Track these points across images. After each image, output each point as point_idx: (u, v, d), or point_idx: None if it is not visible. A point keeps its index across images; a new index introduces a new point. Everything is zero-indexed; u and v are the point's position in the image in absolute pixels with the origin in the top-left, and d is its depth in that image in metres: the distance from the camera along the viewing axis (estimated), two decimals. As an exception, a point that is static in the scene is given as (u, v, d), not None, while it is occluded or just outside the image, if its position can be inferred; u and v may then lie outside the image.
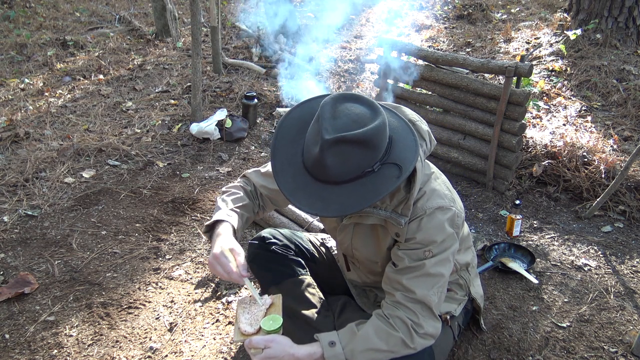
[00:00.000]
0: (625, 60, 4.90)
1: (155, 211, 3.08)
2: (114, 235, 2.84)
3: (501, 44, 5.82)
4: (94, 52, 5.87)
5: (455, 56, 3.29)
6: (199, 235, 2.89)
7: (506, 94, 3.05)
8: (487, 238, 2.94)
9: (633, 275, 2.64)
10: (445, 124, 3.45)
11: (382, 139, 1.40)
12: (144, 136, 3.99)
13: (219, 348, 2.13)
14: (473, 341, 2.17)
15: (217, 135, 3.96)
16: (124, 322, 2.24)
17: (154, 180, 3.43)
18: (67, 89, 4.88)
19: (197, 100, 4.07)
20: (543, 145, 3.56)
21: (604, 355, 2.13)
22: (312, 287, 1.95)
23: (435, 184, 1.63)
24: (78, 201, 3.14)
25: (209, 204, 3.19)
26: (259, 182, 1.84)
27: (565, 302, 2.43)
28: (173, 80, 5.04)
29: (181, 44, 6.19)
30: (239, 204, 1.76)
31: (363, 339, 1.54)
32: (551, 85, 4.68)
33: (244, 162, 3.76)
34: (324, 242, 2.18)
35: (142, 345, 2.13)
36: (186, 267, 2.63)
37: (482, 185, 3.44)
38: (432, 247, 1.57)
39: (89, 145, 3.73)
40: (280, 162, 1.48)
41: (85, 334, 2.17)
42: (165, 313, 2.31)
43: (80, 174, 3.43)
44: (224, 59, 5.34)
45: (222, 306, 2.36)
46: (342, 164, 1.37)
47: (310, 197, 1.40)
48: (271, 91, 4.79)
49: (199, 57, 3.96)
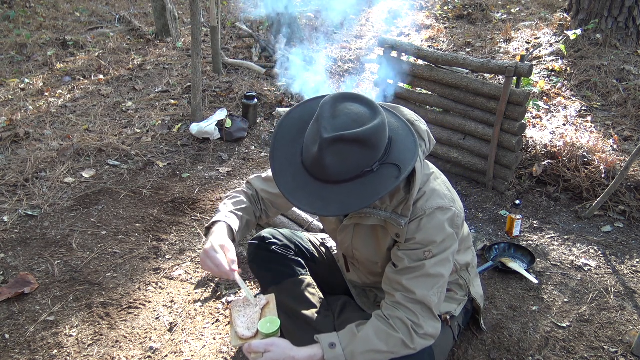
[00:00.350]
0: (625, 60, 4.91)
1: (155, 211, 3.08)
2: (114, 235, 2.84)
3: (501, 44, 5.82)
4: (94, 52, 5.86)
5: (455, 56, 3.29)
6: (199, 235, 2.89)
7: (506, 94, 3.05)
8: (487, 238, 2.94)
9: (633, 275, 2.64)
10: (445, 124, 3.45)
11: (382, 139, 1.40)
12: (144, 136, 3.99)
13: (219, 348, 2.13)
14: (473, 341, 2.17)
15: (217, 135, 3.96)
16: (124, 322, 2.24)
17: (154, 180, 3.43)
18: (67, 89, 4.87)
19: (197, 100, 4.06)
20: (543, 145, 3.56)
21: (604, 355, 2.13)
22: (312, 287, 1.95)
23: (435, 184, 1.63)
24: (78, 201, 3.14)
25: (209, 204, 3.19)
26: (260, 187, 1.86)
27: (565, 302, 2.42)
28: (173, 80, 5.03)
29: (181, 44, 6.19)
30: (238, 206, 1.78)
31: (363, 340, 1.54)
32: (551, 85, 4.68)
33: (244, 162, 3.75)
34: (324, 242, 2.18)
35: (142, 345, 2.13)
36: (186, 267, 2.63)
37: (482, 185, 3.44)
38: (432, 247, 1.57)
39: (89, 145, 3.73)
40: (280, 162, 1.47)
41: (85, 334, 2.17)
42: (165, 313, 2.31)
43: (80, 174, 3.43)
44: (224, 59, 5.33)
45: (222, 306, 2.36)
46: (341, 163, 1.36)
47: (310, 196, 1.40)
48: (271, 91, 4.78)
49: (199, 57, 3.96)
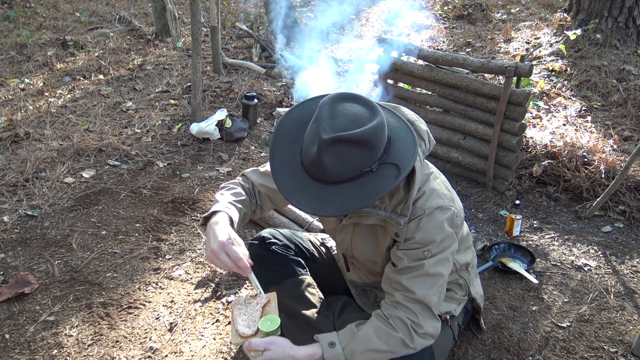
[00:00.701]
0: (625, 60, 4.91)
1: (155, 211, 3.08)
2: (114, 235, 2.84)
3: (501, 44, 5.82)
4: (94, 52, 5.86)
5: (455, 56, 3.29)
6: (199, 235, 2.89)
7: (506, 94, 3.05)
8: (487, 238, 2.93)
9: (633, 275, 2.64)
10: (445, 124, 3.45)
11: (381, 139, 1.39)
12: (144, 136, 3.99)
13: (219, 348, 2.13)
14: (473, 341, 2.17)
15: (217, 135, 3.95)
16: (124, 322, 2.24)
17: (154, 180, 3.43)
18: (67, 89, 4.87)
19: (197, 100, 4.06)
20: (543, 145, 3.56)
21: (604, 355, 2.13)
22: (312, 287, 1.95)
23: (435, 184, 1.63)
24: (78, 201, 3.14)
25: (209, 204, 3.18)
26: (258, 181, 1.83)
27: (565, 302, 2.42)
28: (173, 80, 5.02)
29: (181, 44, 6.18)
30: (237, 198, 1.74)
31: (363, 339, 1.54)
32: (551, 85, 4.68)
33: (244, 162, 3.75)
34: (324, 242, 2.18)
35: (142, 345, 2.12)
36: (186, 267, 2.63)
37: (482, 185, 3.44)
38: (431, 246, 1.57)
39: (89, 145, 3.73)
40: (279, 162, 1.47)
41: (85, 334, 2.16)
42: (165, 313, 2.31)
43: (80, 174, 3.43)
44: (224, 59, 5.33)
45: (222, 306, 2.36)
46: (340, 163, 1.36)
47: (309, 197, 1.40)
48: (271, 91, 4.78)
49: (199, 57, 3.96)
